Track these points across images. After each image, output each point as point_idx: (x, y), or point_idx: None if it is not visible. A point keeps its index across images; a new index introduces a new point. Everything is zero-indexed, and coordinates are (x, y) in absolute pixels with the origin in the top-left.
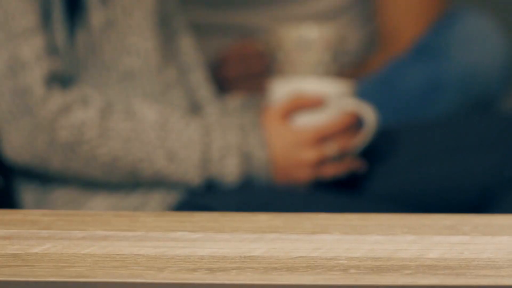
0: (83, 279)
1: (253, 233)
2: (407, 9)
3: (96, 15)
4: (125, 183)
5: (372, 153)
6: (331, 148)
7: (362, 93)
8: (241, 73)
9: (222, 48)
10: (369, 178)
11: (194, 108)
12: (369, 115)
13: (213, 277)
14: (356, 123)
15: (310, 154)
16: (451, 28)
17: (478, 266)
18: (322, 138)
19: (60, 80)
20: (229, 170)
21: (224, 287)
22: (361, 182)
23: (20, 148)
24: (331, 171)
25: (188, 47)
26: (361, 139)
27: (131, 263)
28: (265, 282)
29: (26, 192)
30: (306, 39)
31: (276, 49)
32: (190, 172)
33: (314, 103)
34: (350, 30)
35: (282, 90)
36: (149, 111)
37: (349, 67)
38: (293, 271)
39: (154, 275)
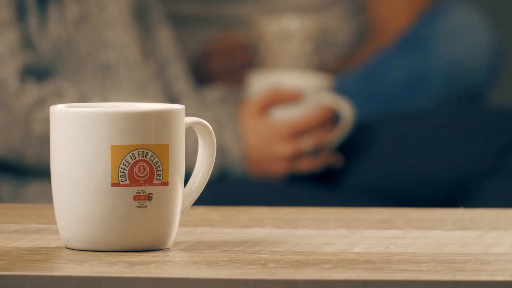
0: (1, 273)
1: (185, 226)
2: (396, 1)
3: (70, 9)
4: None
5: (349, 146)
6: (307, 143)
7: (347, 85)
8: (224, 66)
9: (206, 40)
10: (345, 171)
11: (172, 101)
12: (346, 109)
13: (131, 270)
14: (332, 118)
15: (286, 148)
16: (436, 21)
17: (400, 260)
18: (298, 132)
19: (35, 73)
20: None
21: (141, 281)
22: (338, 175)
23: None
24: (307, 165)
25: (167, 40)
26: (338, 133)
27: (54, 256)
28: (181, 276)
29: (1, 184)
30: (287, 30)
31: (258, 41)
32: None
33: (291, 97)
34: (339, 22)
35: (259, 83)
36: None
37: (336, 59)
38: (213, 265)
39: (73, 268)
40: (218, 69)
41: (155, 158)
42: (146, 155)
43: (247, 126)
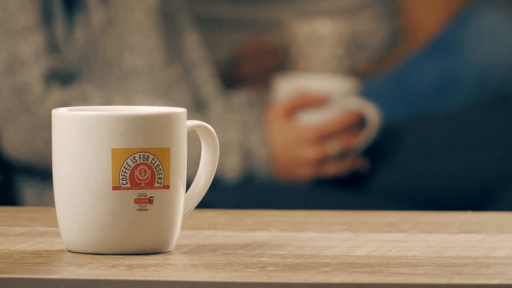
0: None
1: (190, 229)
2: (431, 4)
3: (96, 13)
4: None
5: (375, 149)
6: (333, 147)
7: (376, 89)
8: (256, 69)
9: (238, 43)
10: (371, 175)
11: (199, 105)
12: (372, 113)
13: (129, 273)
14: (359, 122)
15: (312, 152)
16: (467, 24)
17: (399, 264)
18: (324, 136)
19: (60, 77)
20: (230, 167)
21: (138, 284)
22: (363, 179)
23: (19, 146)
24: (333, 169)
25: (193, 44)
26: (364, 137)
27: (55, 259)
28: (178, 279)
29: (27, 188)
30: (319, 34)
31: (290, 44)
32: (190, 169)
33: (317, 101)
34: (371, 25)
35: (286, 87)
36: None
37: (368, 63)
38: (211, 268)
39: (72, 271)
40: (249, 72)
41: (156, 161)
42: (147, 158)
43: (274, 130)
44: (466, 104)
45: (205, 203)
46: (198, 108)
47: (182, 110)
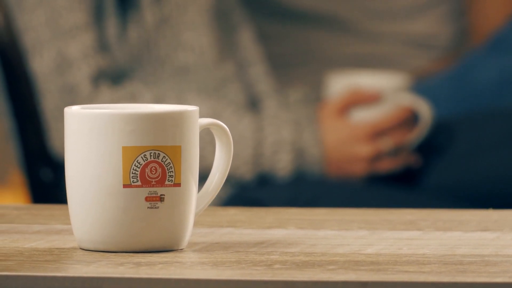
0: (5, 273)
1: (209, 227)
2: (497, 3)
3: (150, 12)
4: None
5: (428, 146)
6: (386, 143)
7: (436, 85)
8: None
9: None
10: (424, 171)
11: (253, 102)
12: (424, 110)
13: (135, 271)
14: (411, 118)
15: (365, 149)
16: None
17: (406, 262)
18: (378, 133)
19: (110, 76)
20: (282, 165)
21: (143, 282)
22: (417, 175)
23: None
24: (386, 166)
25: (248, 41)
26: (417, 134)
27: (65, 257)
28: (182, 277)
29: None
30: (382, 33)
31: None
32: (241, 167)
33: (370, 97)
34: (440, 24)
35: (339, 84)
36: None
37: (433, 62)
38: (218, 266)
39: (78, 269)
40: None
41: (167, 159)
42: (158, 156)
43: (326, 127)
44: None
45: (257, 200)
46: (251, 105)
47: (194, 108)
